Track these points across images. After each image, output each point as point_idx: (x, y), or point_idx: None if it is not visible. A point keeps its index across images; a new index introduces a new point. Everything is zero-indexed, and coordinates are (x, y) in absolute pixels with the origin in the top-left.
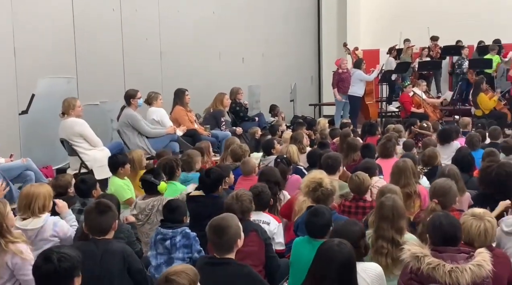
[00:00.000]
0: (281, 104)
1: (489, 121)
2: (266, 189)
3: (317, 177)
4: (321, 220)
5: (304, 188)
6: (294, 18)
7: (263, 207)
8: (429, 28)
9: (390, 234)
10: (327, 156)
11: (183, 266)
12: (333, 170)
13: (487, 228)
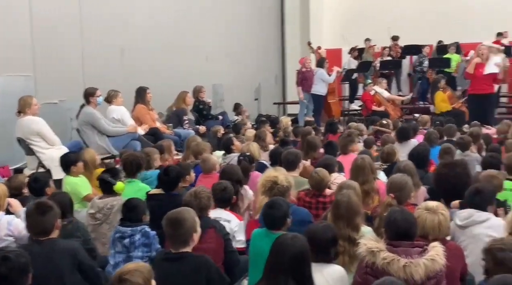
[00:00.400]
0: (245, 103)
1: (446, 119)
2: (230, 186)
3: (272, 175)
4: (277, 211)
5: (260, 187)
6: (258, 17)
7: (226, 204)
8: (390, 28)
9: (346, 233)
10: (288, 152)
11: (136, 264)
12: (293, 166)
13: (441, 221)
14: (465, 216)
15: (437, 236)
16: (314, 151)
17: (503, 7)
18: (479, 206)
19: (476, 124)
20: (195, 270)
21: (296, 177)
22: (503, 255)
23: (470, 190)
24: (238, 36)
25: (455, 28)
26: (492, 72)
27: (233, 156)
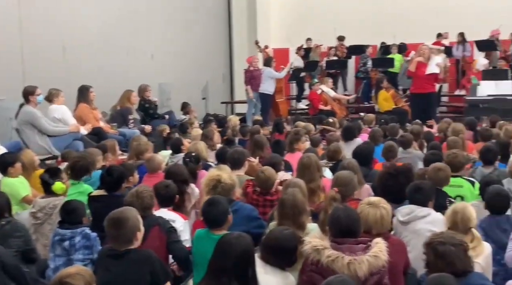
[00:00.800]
0: (193, 102)
1: (390, 118)
2: (172, 184)
3: (215, 174)
4: (216, 209)
5: (205, 187)
6: (204, 15)
7: (168, 202)
8: (336, 28)
9: None
10: (233, 151)
11: (77, 267)
12: (238, 165)
13: (383, 215)
14: (407, 212)
15: (380, 230)
16: (262, 150)
17: (444, 8)
18: (420, 203)
19: (418, 123)
20: (139, 265)
21: (242, 176)
22: (443, 248)
23: (411, 188)
24: (185, 35)
25: (399, 28)
26: (433, 72)
27: (180, 156)
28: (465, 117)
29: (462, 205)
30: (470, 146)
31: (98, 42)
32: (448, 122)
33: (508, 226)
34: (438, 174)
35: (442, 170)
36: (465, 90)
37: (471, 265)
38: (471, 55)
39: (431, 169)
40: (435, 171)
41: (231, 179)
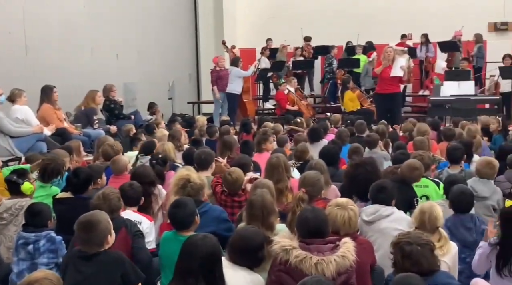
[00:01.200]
0: (159, 102)
1: (356, 118)
2: (135, 184)
3: (184, 174)
4: (183, 210)
5: (173, 187)
6: (170, 15)
7: (134, 202)
8: (302, 28)
9: None
10: (200, 151)
11: (44, 272)
12: (205, 166)
13: (351, 216)
14: (371, 211)
15: (348, 231)
16: (230, 151)
17: (408, 10)
18: (384, 202)
19: (383, 123)
20: (110, 266)
21: (209, 177)
22: (410, 248)
23: (374, 188)
24: (150, 34)
25: (364, 29)
26: (397, 75)
27: (148, 157)
28: (428, 117)
29: (429, 204)
30: (434, 146)
31: (62, 41)
32: (413, 122)
33: (472, 224)
34: (413, 172)
35: (418, 169)
36: (428, 91)
37: (438, 264)
38: (434, 56)
39: (406, 167)
40: (411, 169)
41: (200, 179)
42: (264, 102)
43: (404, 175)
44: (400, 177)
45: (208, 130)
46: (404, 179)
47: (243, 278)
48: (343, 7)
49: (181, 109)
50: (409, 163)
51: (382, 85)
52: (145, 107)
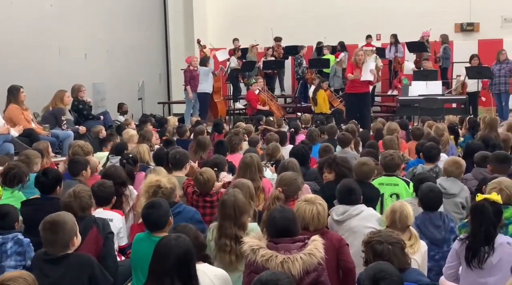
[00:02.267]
0: (128, 102)
1: (326, 117)
2: (107, 184)
3: (154, 180)
4: (157, 212)
5: (145, 194)
6: (139, 14)
7: (106, 201)
8: (273, 28)
9: (233, 232)
10: (175, 152)
11: (20, 272)
12: (179, 166)
13: (319, 211)
14: (341, 211)
15: (317, 226)
16: (204, 151)
17: (377, 10)
18: (353, 203)
19: (353, 122)
20: (78, 269)
21: (182, 177)
22: (381, 247)
23: (343, 190)
24: (119, 33)
25: (333, 29)
26: (368, 79)
27: (118, 158)
28: (397, 117)
29: (400, 204)
30: (404, 145)
31: (29, 40)
32: (382, 122)
33: (441, 222)
34: (362, 168)
35: (365, 164)
36: (397, 90)
37: (408, 262)
38: (403, 56)
39: (355, 164)
40: (359, 165)
41: (170, 183)
42: (234, 102)
43: (356, 172)
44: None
45: (178, 130)
46: (361, 178)
47: (203, 274)
48: (312, 8)
49: (151, 109)
50: (358, 160)
51: (351, 85)
52: (115, 107)
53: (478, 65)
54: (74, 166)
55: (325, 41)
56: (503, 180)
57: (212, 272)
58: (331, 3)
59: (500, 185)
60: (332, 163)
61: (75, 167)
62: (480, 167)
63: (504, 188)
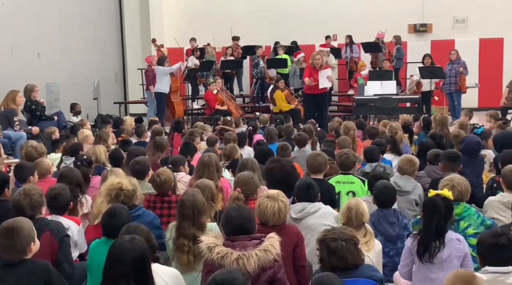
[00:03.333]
0: (83, 103)
1: (284, 117)
2: (64, 191)
3: (115, 182)
4: (119, 221)
5: (106, 196)
6: (94, 12)
7: (62, 210)
8: (232, 28)
9: (191, 232)
10: (135, 161)
11: None
12: (141, 176)
13: (281, 207)
14: (299, 209)
15: (277, 223)
16: (162, 152)
17: (334, 11)
18: (311, 199)
19: (311, 122)
20: (33, 276)
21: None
22: (335, 244)
23: (302, 186)
24: (73, 32)
25: (289, 29)
26: (325, 86)
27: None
28: (353, 116)
29: (355, 201)
30: (360, 144)
31: None
32: (339, 121)
33: (395, 219)
34: (317, 159)
35: (320, 155)
36: (353, 90)
37: (362, 258)
38: (359, 56)
39: (309, 157)
40: (313, 157)
41: (131, 184)
42: (192, 102)
43: (309, 165)
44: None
45: (136, 130)
46: (314, 171)
47: (155, 274)
48: (270, 8)
49: (107, 109)
50: (311, 153)
51: (310, 86)
52: (69, 107)
53: (431, 64)
54: (20, 172)
55: (282, 41)
56: (455, 177)
57: (164, 272)
58: (287, 3)
59: (452, 182)
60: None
61: (21, 172)
62: (432, 165)
63: (456, 185)
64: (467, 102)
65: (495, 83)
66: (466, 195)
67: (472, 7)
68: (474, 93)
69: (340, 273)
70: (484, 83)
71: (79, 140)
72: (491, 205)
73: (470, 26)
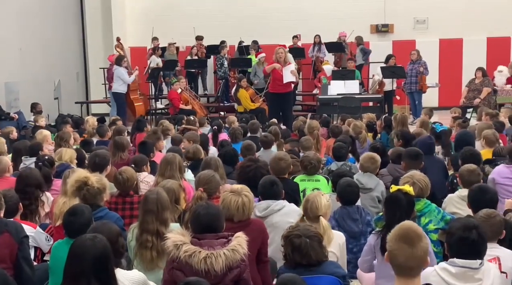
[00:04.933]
0: (44, 102)
1: (250, 116)
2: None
3: (82, 176)
4: (79, 219)
5: (70, 188)
6: (55, 11)
7: (12, 214)
8: (195, 28)
9: (154, 227)
10: (95, 154)
11: None
12: (99, 169)
13: (245, 202)
14: (264, 207)
15: (242, 218)
16: (122, 151)
17: (298, 11)
18: (275, 196)
19: (275, 122)
20: None
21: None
22: (299, 241)
23: (265, 183)
24: (33, 31)
25: (254, 29)
26: (290, 81)
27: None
28: (318, 115)
29: (314, 194)
30: (324, 143)
31: None
32: (303, 121)
33: (358, 215)
34: (279, 163)
35: (282, 159)
36: (317, 89)
37: (326, 255)
38: (325, 56)
39: (272, 161)
40: (275, 160)
41: (100, 184)
42: (156, 101)
43: (273, 168)
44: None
45: (98, 130)
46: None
47: (120, 276)
48: (233, 7)
49: (68, 109)
50: (274, 156)
51: (274, 85)
52: (29, 107)
53: (394, 65)
54: None
55: (246, 41)
56: (415, 173)
57: (127, 277)
58: (251, 3)
59: (412, 179)
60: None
61: None
62: (394, 163)
63: (416, 182)
64: (428, 101)
65: (455, 82)
66: (426, 191)
67: (432, 8)
68: (434, 93)
69: (304, 270)
70: (444, 82)
71: (37, 140)
72: (450, 201)
73: (430, 27)
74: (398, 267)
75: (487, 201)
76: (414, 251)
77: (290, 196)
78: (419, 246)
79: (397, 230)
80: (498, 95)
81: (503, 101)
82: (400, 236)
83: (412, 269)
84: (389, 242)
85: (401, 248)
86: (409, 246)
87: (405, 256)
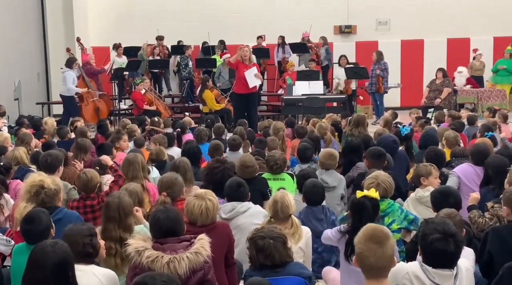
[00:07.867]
0: (4, 103)
1: (214, 117)
2: None
3: (37, 179)
4: (37, 227)
5: (25, 194)
6: (14, 10)
7: None
8: (158, 29)
9: (117, 234)
10: (47, 153)
11: None
12: (51, 169)
13: (208, 206)
14: (229, 209)
15: (205, 222)
16: (85, 153)
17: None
18: (241, 198)
19: (242, 123)
20: None
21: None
22: (263, 242)
23: (232, 185)
24: None
25: (218, 29)
26: (255, 85)
27: None
28: (282, 116)
29: (281, 194)
30: (289, 143)
31: None
32: (269, 122)
33: (323, 215)
34: (246, 171)
35: (249, 167)
36: (282, 90)
37: (290, 256)
38: (290, 56)
39: (238, 166)
40: (242, 168)
41: (55, 184)
42: (119, 102)
43: (240, 174)
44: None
45: (59, 131)
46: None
47: (92, 275)
48: (196, 7)
49: (29, 110)
50: (239, 161)
51: (239, 85)
52: None
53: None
54: None
55: (210, 41)
56: (379, 174)
57: (101, 273)
58: (215, 3)
59: (377, 180)
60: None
61: None
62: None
63: (380, 183)
64: (389, 101)
65: (416, 83)
66: (391, 191)
67: (394, 10)
68: (396, 93)
69: (269, 271)
70: (406, 83)
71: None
72: (407, 202)
73: (392, 28)
74: (369, 268)
75: (451, 205)
76: (384, 250)
77: (260, 192)
78: (388, 244)
79: (364, 231)
80: (458, 95)
81: (463, 101)
82: (369, 236)
83: (382, 269)
84: (358, 244)
85: (371, 249)
86: (379, 245)
87: (375, 256)
